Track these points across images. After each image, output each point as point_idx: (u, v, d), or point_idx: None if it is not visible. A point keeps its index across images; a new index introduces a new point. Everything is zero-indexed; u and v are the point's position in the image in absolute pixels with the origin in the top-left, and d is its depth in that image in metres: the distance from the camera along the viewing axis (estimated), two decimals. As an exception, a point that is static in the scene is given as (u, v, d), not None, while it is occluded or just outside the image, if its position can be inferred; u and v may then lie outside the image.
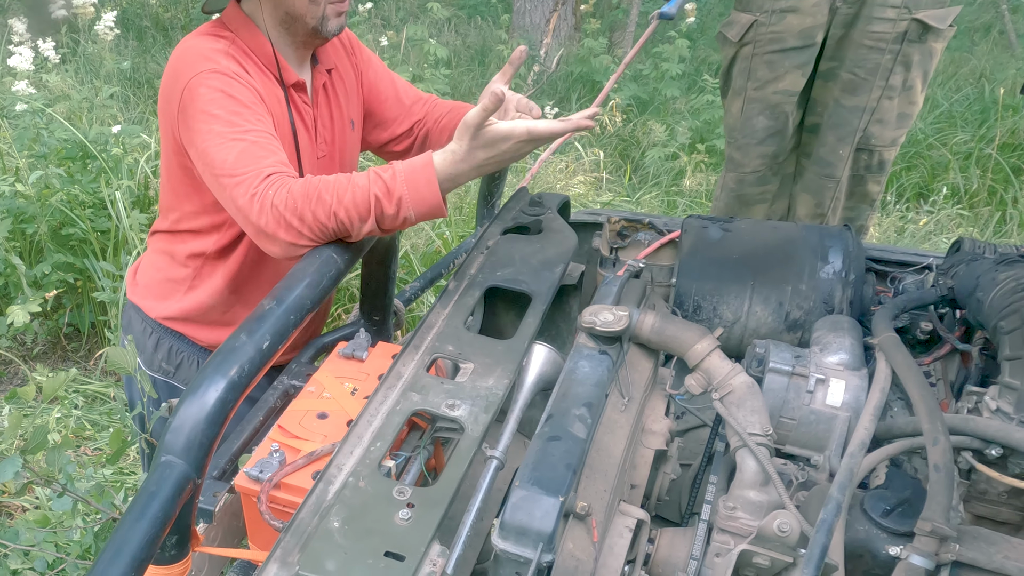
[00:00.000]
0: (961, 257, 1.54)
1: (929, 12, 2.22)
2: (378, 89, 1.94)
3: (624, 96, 5.91)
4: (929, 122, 5.18)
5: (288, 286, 1.40)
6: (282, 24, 1.69)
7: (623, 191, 4.97)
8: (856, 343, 1.39)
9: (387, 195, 1.41)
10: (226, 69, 1.58)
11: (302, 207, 1.42)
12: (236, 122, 1.53)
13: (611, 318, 1.32)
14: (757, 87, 2.40)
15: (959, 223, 4.09)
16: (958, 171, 4.63)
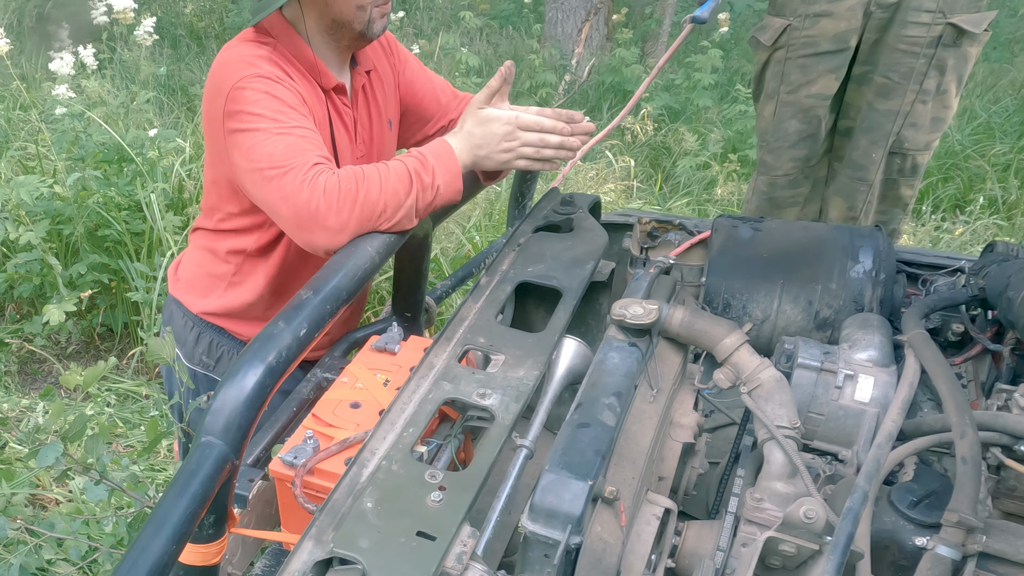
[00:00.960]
0: (993, 258, 1.56)
1: (964, 16, 2.23)
2: (415, 88, 2.00)
3: (656, 105, 5.94)
4: (967, 133, 5.15)
5: (325, 277, 1.44)
6: (327, 30, 1.75)
7: (653, 199, 4.99)
8: (886, 340, 1.41)
9: (423, 167, 1.54)
10: (269, 73, 1.63)
11: (355, 188, 1.49)
12: (281, 119, 1.59)
13: (641, 311, 1.35)
14: (790, 91, 2.42)
15: (996, 233, 4.06)
16: (995, 182, 4.60)
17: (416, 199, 1.52)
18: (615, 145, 5.37)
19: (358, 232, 1.50)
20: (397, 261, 1.85)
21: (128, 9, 4.65)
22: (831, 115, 2.46)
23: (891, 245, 1.65)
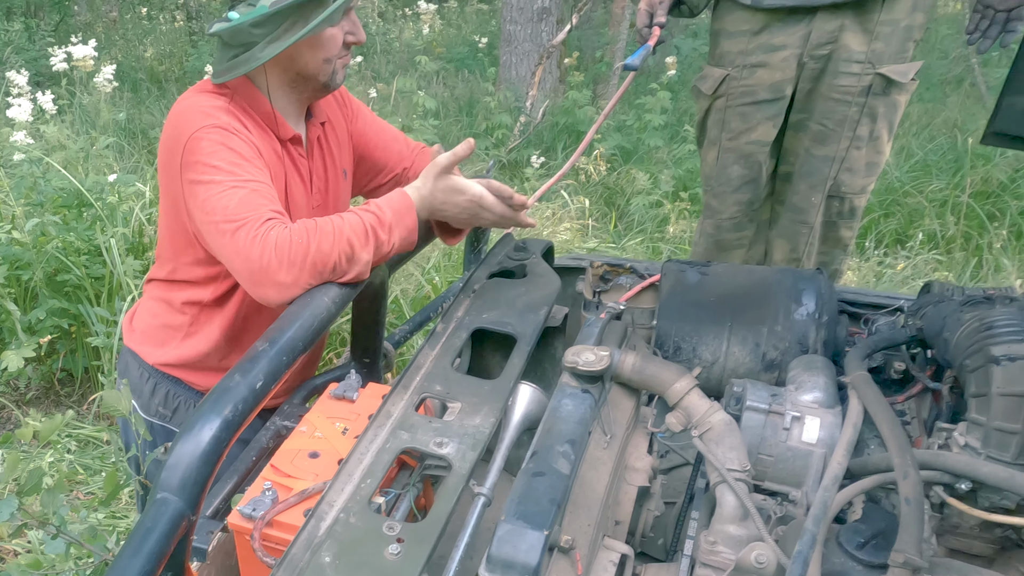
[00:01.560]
0: (930, 299, 1.59)
1: (892, 67, 2.29)
2: (368, 138, 2.00)
3: (608, 146, 6.00)
4: (905, 170, 5.27)
5: (281, 328, 1.43)
6: (290, 84, 1.74)
7: (609, 237, 5.03)
8: (830, 382, 1.43)
9: (379, 223, 1.54)
10: (226, 124, 1.62)
11: (307, 242, 1.48)
12: (237, 172, 1.58)
13: (592, 358, 1.35)
14: (731, 137, 2.47)
15: (935, 268, 4.15)
16: (934, 217, 4.71)
17: (371, 254, 1.52)
18: (570, 185, 5.42)
19: (311, 286, 1.50)
20: (355, 308, 1.84)
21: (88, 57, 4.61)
22: (771, 160, 2.51)
23: (832, 288, 1.68)
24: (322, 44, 1.69)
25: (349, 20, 1.72)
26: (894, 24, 2.27)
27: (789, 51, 2.34)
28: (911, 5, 2.28)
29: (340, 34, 1.71)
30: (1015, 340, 1.26)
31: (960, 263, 4.18)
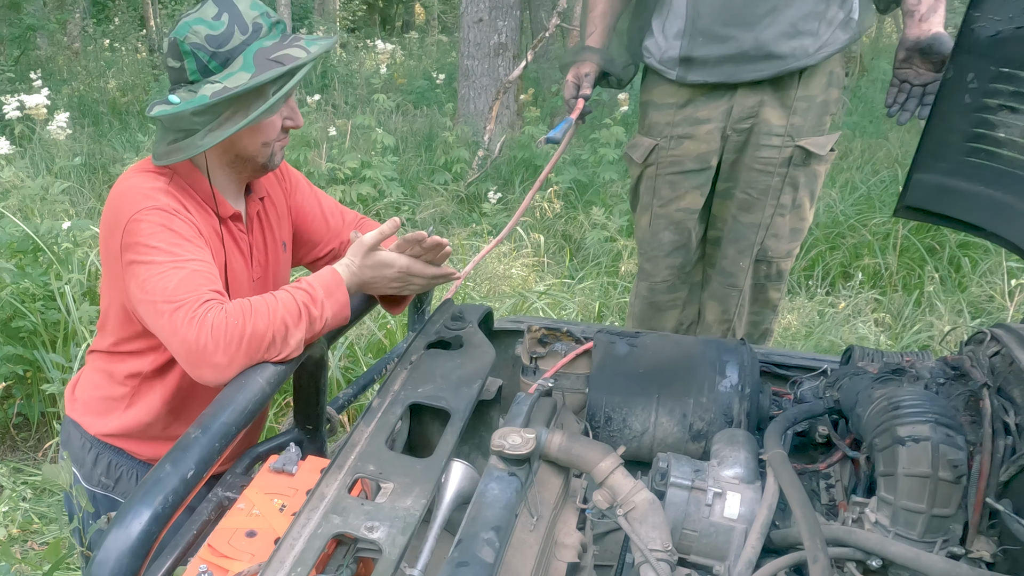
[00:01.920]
0: (846, 370, 1.63)
1: (810, 140, 2.36)
2: (305, 211, 2.02)
3: (565, 179, 6.05)
4: (849, 204, 5.38)
5: (214, 413, 1.43)
6: (229, 164, 1.76)
7: (565, 272, 5.06)
8: (751, 456, 1.45)
9: (311, 300, 1.57)
10: (166, 206, 1.63)
11: (242, 323, 1.49)
12: (177, 252, 1.58)
13: (519, 440, 1.37)
14: (662, 204, 2.52)
15: (874, 307, 4.23)
16: (878, 252, 4.80)
17: (304, 331, 1.54)
18: (526, 222, 5.45)
19: (247, 366, 1.51)
20: (296, 379, 1.84)
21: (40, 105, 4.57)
22: (701, 226, 2.57)
23: (755, 358, 1.72)
24: (262, 130, 1.71)
25: (288, 106, 1.74)
26: (810, 100, 2.34)
27: (713, 124, 2.40)
28: (826, 82, 2.35)
29: (279, 119, 1.73)
30: (919, 421, 1.30)
31: (898, 302, 4.27)
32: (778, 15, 2.20)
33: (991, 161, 1.52)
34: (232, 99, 1.60)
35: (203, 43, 1.62)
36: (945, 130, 1.54)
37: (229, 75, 1.61)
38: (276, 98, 1.61)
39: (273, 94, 1.62)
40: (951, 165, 1.57)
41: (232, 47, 1.63)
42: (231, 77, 1.61)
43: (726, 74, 2.32)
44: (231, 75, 1.61)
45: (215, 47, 1.62)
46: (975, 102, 1.49)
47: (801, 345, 3.78)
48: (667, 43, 2.37)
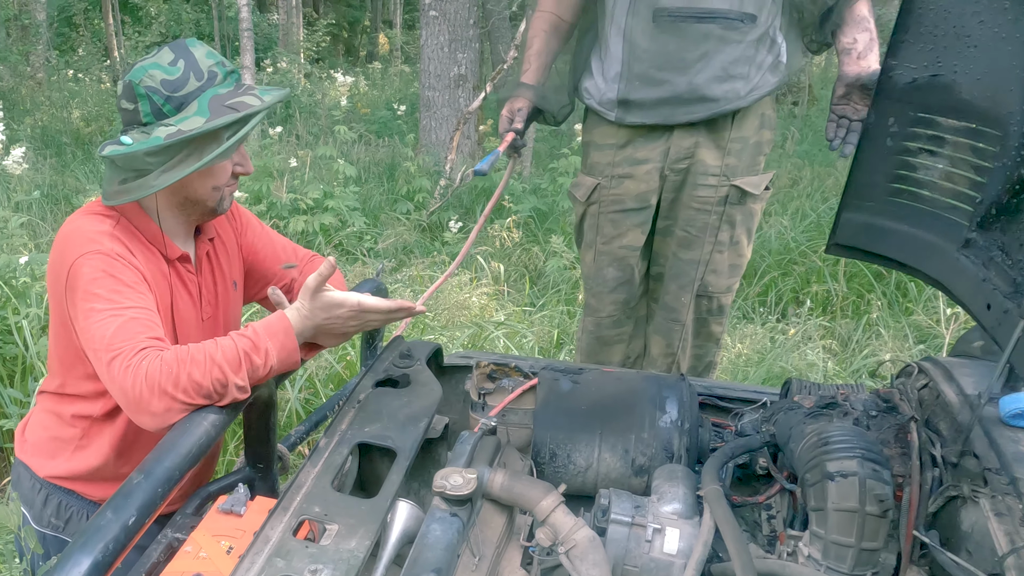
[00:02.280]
0: (782, 404, 1.65)
1: (745, 179, 2.42)
2: (256, 249, 2.01)
3: (524, 209, 6.08)
4: (800, 231, 5.46)
5: (157, 458, 1.41)
6: (178, 207, 1.75)
7: (525, 300, 5.08)
8: (689, 492, 1.47)
9: (254, 348, 1.54)
10: (109, 251, 1.62)
11: (177, 371, 1.47)
12: (116, 300, 1.57)
13: (460, 481, 1.37)
14: (605, 242, 2.56)
15: (823, 334, 4.30)
16: (828, 278, 4.87)
17: (245, 379, 1.52)
18: (486, 251, 5.47)
19: (185, 412, 1.49)
20: (246, 419, 1.83)
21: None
22: (643, 263, 2.61)
23: (694, 394, 1.74)
24: (212, 174, 1.71)
25: (239, 152, 1.75)
26: (744, 141, 2.40)
27: (651, 164, 2.45)
28: (758, 124, 2.41)
29: (230, 165, 1.73)
30: (847, 456, 1.32)
31: (847, 329, 4.34)
32: (710, 60, 2.26)
33: (913, 201, 1.56)
34: (186, 142, 1.60)
35: (158, 87, 1.63)
36: (869, 171, 1.59)
37: (183, 119, 1.62)
38: (231, 143, 1.62)
39: (227, 139, 1.62)
40: (876, 205, 1.61)
41: (187, 92, 1.64)
42: (185, 121, 1.61)
43: (662, 116, 2.37)
44: (185, 119, 1.62)
45: (170, 91, 1.63)
46: (896, 145, 1.54)
47: (753, 371, 3.82)
48: (606, 85, 2.42)
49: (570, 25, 2.51)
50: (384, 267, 1.70)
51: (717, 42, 2.24)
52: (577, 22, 2.51)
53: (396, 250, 5.74)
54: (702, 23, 2.22)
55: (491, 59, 10.47)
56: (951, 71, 1.43)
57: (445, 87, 7.45)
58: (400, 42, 20.25)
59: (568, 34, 2.52)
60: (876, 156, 1.57)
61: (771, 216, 5.74)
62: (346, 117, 8.54)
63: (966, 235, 1.47)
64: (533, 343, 4.23)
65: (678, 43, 2.26)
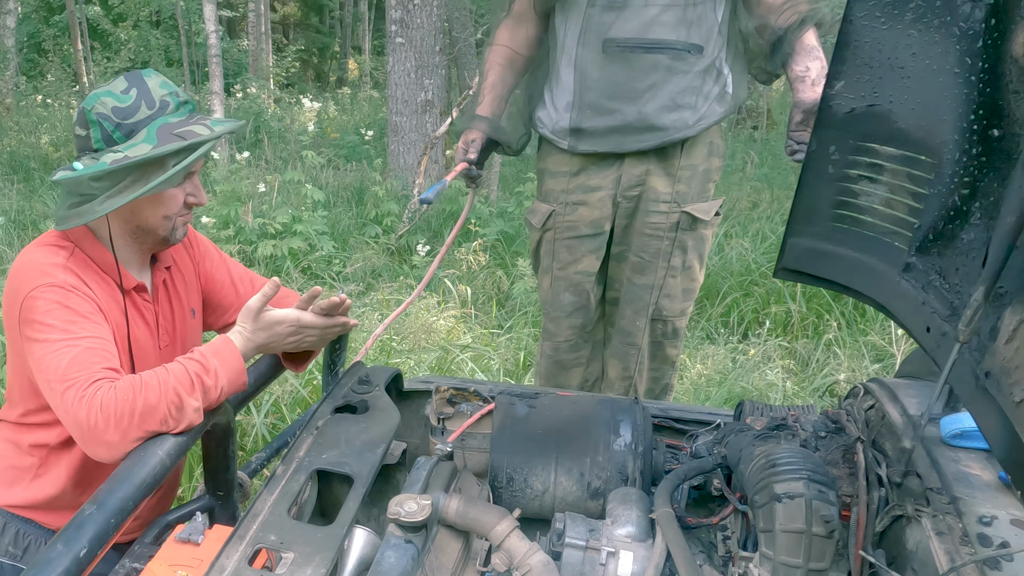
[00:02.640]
0: (732, 427, 1.67)
1: (695, 206, 2.45)
2: (214, 278, 2.01)
3: (491, 233, 6.10)
4: (761, 252, 5.52)
5: (110, 488, 1.40)
6: (131, 235, 1.75)
7: (492, 323, 5.08)
8: (643, 515, 1.48)
9: (204, 370, 1.56)
10: (63, 283, 1.61)
11: (132, 398, 1.46)
12: (71, 330, 1.56)
13: (415, 507, 1.37)
14: (561, 267, 2.58)
15: (782, 355, 4.34)
16: (788, 298, 4.93)
17: (200, 400, 1.53)
18: (453, 274, 5.47)
19: (141, 440, 1.48)
20: (204, 446, 1.81)
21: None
22: (599, 287, 2.64)
23: (648, 417, 1.75)
24: (163, 202, 1.71)
25: (191, 183, 1.75)
26: (693, 169, 2.44)
27: (604, 191, 2.48)
28: (707, 152, 2.45)
29: (181, 195, 1.73)
30: (794, 478, 1.34)
31: (805, 347, 4.38)
32: (658, 90, 2.30)
33: (856, 226, 1.59)
34: (132, 168, 1.60)
35: (109, 114, 1.63)
36: (813, 198, 1.61)
37: (131, 146, 1.62)
38: (175, 170, 1.62)
39: (173, 166, 1.62)
40: (820, 230, 1.64)
41: (137, 120, 1.64)
42: (133, 147, 1.61)
43: (613, 144, 2.40)
44: (133, 146, 1.62)
45: (120, 118, 1.63)
46: (837, 172, 1.57)
47: (715, 392, 3.84)
48: (558, 115, 2.45)
49: (525, 58, 2.54)
50: (345, 290, 1.71)
51: (665, 72, 2.28)
52: (532, 55, 2.54)
53: (365, 273, 5.72)
54: (650, 53, 2.26)
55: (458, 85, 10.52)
56: (887, 101, 1.47)
57: (412, 112, 7.47)
58: (369, 68, 20.28)
59: (523, 67, 2.56)
60: (818, 183, 1.60)
61: (732, 238, 5.81)
62: (314, 142, 8.53)
63: (906, 259, 1.49)
64: (499, 366, 4.23)
65: (627, 73, 2.29)
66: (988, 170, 1.33)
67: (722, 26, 2.30)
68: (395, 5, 7.33)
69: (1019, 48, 1.22)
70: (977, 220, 1.36)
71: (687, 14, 2.24)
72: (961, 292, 1.39)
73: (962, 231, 1.39)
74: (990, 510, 1.31)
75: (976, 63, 1.34)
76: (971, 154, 1.37)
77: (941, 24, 1.40)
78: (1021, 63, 1.21)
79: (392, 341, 4.31)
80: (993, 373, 1.21)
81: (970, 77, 1.36)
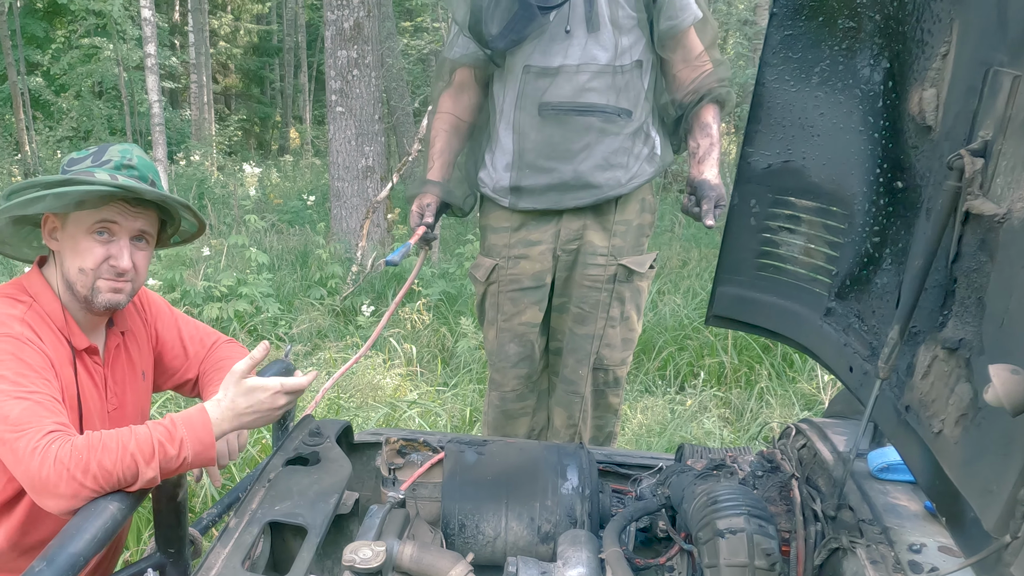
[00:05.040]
0: (674, 468, 1.70)
1: (631, 259, 2.53)
2: (165, 340, 1.99)
3: (434, 292, 6.12)
4: (692, 308, 5.64)
5: (60, 544, 1.36)
6: (67, 290, 1.72)
7: (438, 380, 5.06)
8: (592, 556, 1.49)
9: (169, 438, 1.51)
10: (19, 335, 1.59)
11: (87, 457, 1.43)
12: (22, 383, 1.53)
13: (369, 554, 1.36)
14: (505, 319, 2.62)
15: (717, 404, 4.42)
16: (720, 351, 5.03)
17: (156, 469, 1.48)
18: (398, 332, 5.46)
19: (93, 498, 1.45)
20: (155, 502, 1.77)
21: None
22: (543, 338, 2.69)
23: (593, 461, 1.78)
24: (79, 253, 1.68)
25: (116, 245, 1.70)
26: (627, 224, 2.53)
27: (544, 245, 2.55)
28: (639, 208, 2.55)
29: (100, 250, 1.68)
30: (735, 514, 1.37)
31: (739, 397, 4.47)
32: (592, 150, 2.39)
33: (778, 275, 1.67)
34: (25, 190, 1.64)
35: (64, 163, 1.73)
36: (737, 248, 1.69)
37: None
38: (37, 195, 1.60)
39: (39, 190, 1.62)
40: (746, 279, 1.72)
41: (77, 167, 1.70)
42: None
43: (551, 201, 2.47)
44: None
45: (67, 165, 1.72)
46: (759, 224, 1.65)
47: (656, 441, 3.88)
48: (498, 175, 2.52)
49: (468, 124, 2.62)
50: (292, 348, 1.71)
51: (598, 134, 2.37)
52: (474, 121, 2.62)
53: (311, 334, 5.67)
54: (583, 116, 2.35)
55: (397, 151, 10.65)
56: (800, 157, 1.56)
57: (354, 178, 7.51)
58: (310, 136, 20.35)
59: (467, 133, 2.63)
60: (742, 234, 1.67)
61: (665, 294, 5.92)
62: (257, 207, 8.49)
63: (827, 304, 1.57)
64: (446, 421, 4.22)
65: (563, 134, 2.38)
66: (895, 219, 1.42)
67: (648, 93, 2.42)
68: (335, 76, 7.42)
69: (915, 107, 1.32)
70: (888, 265, 1.44)
71: (616, 80, 2.35)
72: (879, 333, 1.46)
73: (876, 276, 1.48)
74: (919, 538, 1.36)
75: (878, 121, 1.45)
76: (879, 205, 1.46)
77: (845, 86, 1.51)
78: (918, 120, 1.31)
79: (340, 399, 4.26)
80: (912, 407, 1.28)
81: (873, 134, 1.46)
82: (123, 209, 1.69)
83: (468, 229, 7.18)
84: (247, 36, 23.82)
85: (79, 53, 15.69)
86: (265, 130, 24.47)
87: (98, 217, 1.67)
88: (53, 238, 1.72)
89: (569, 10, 2.30)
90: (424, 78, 13.75)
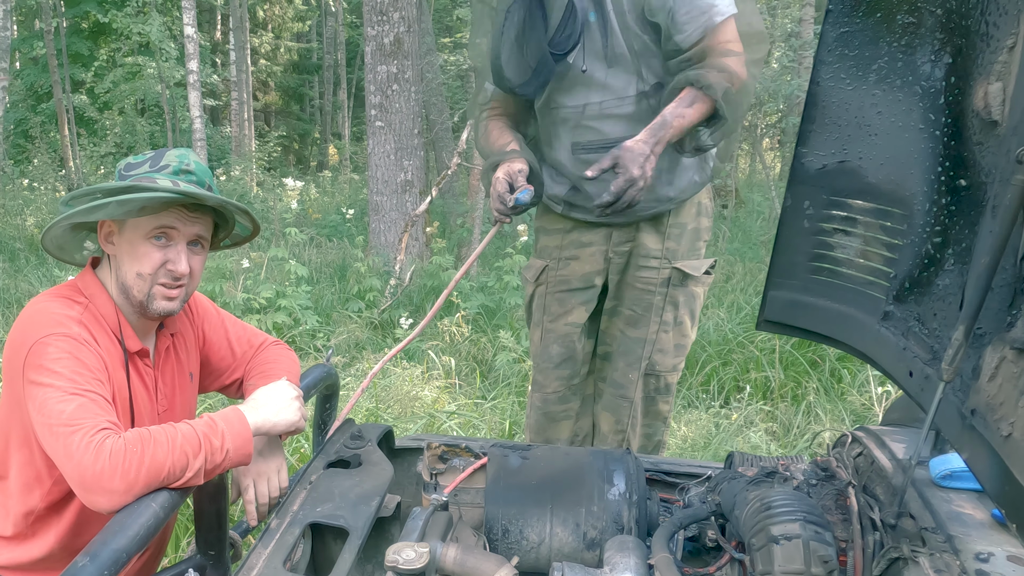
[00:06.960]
0: (725, 474, 1.67)
1: (685, 262, 2.50)
2: (212, 341, 2.00)
3: (472, 305, 6.12)
4: (737, 323, 5.57)
5: (104, 540, 1.37)
6: (121, 294, 1.74)
7: (476, 393, 5.06)
8: (640, 562, 1.46)
9: (212, 431, 1.54)
10: (76, 335, 1.61)
11: (141, 451, 1.45)
12: (77, 380, 1.55)
13: (413, 555, 1.35)
14: (551, 320, 2.62)
15: (764, 417, 4.35)
16: (765, 365, 4.95)
17: (205, 461, 1.51)
18: (436, 345, 5.46)
19: (144, 493, 1.46)
20: (196, 504, 1.78)
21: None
22: (589, 341, 2.67)
23: (640, 467, 1.75)
24: (137, 257, 1.70)
25: (174, 249, 1.72)
26: (682, 227, 2.50)
27: (596, 247, 2.53)
28: (695, 212, 2.52)
29: (157, 255, 1.70)
30: (790, 520, 1.34)
31: (786, 412, 4.40)
32: None
33: (833, 278, 1.64)
34: (88, 197, 1.66)
35: (121, 168, 1.73)
36: (791, 252, 1.66)
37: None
38: (101, 201, 1.62)
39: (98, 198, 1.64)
40: (799, 282, 1.68)
41: (135, 173, 1.71)
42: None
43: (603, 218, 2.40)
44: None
45: (124, 170, 1.73)
46: (813, 226, 1.62)
47: (700, 455, 3.83)
48: (552, 182, 2.52)
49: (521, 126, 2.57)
50: (333, 352, 1.72)
51: None
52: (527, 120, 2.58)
53: (348, 346, 5.70)
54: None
55: (436, 166, 10.70)
56: (856, 157, 1.53)
57: (393, 192, 7.57)
58: (349, 152, 20.55)
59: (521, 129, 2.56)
60: (795, 237, 1.64)
61: (708, 309, 5.86)
62: (297, 220, 8.58)
63: (884, 308, 1.53)
64: (485, 432, 4.20)
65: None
66: (958, 218, 1.38)
67: None
68: (375, 91, 7.50)
69: (980, 102, 1.28)
70: (951, 266, 1.41)
71: (640, 107, 2.30)
72: (940, 336, 1.42)
73: (937, 278, 1.44)
74: (986, 547, 1.32)
75: (940, 118, 1.41)
76: (940, 204, 1.42)
77: (904, 84, 1.47)
78: (982, 116, 1.27)
79: (378, 409, 4.27)
80: (979, 410, 1.24)
81: (935, 132, 1.42)
82: (181, 215, 1.71)
83: (506, 243, 7.18)
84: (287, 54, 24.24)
85: (123, 71, 16.05)
86: (304, 146, 24.81)
87: (157, 223, 1.69)
88: (109, 242, 1.74)
89: (583, 50, 2.29)
90: (463, 93, 13.84)
